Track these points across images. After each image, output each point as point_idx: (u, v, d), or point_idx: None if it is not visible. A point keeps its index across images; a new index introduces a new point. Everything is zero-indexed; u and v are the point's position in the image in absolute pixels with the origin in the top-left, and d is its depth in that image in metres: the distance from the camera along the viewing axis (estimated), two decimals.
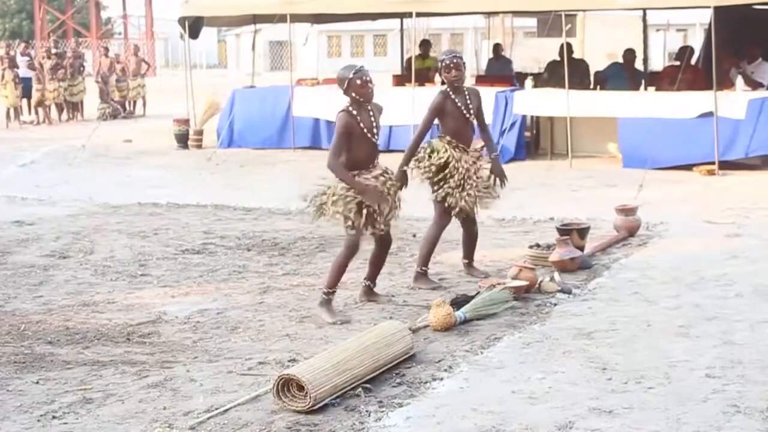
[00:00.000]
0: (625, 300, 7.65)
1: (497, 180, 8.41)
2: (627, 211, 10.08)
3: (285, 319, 7.36)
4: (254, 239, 10.27)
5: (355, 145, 7.40)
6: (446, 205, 8.27)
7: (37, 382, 6.08)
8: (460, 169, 8.19)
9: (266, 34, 27.88)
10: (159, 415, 5.48)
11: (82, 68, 26.88)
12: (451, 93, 8.32)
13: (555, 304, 7.58)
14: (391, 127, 17.01)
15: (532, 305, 7.55)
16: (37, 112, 25.12)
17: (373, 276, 7.87)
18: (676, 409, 5.36)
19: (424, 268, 8.31)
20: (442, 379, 5.96)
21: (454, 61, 8.29)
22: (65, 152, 18.14)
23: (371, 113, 7.48)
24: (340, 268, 7.46)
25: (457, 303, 7.26)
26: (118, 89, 27.01)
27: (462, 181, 8.19)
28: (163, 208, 12.22)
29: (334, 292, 7.48)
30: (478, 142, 16.09)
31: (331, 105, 17.38)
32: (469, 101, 8.36)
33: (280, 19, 18.33)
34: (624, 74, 17.26)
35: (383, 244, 7.74)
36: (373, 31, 59.14)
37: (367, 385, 5.78)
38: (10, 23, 64.21)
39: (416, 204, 11.93)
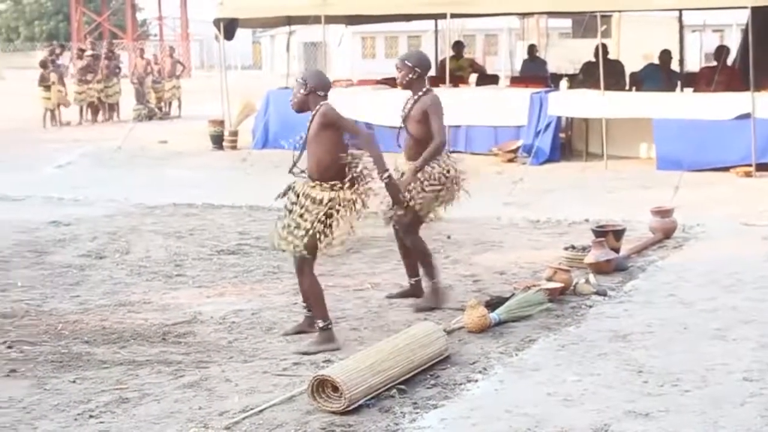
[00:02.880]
0: (661, 302, 7.61)
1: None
2: (663, 212, 10.02)
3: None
4: None
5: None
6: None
7: (74, 381, 6.13)
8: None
9: (300, 35, 27.95)
10: (194, 415, 5.51)
11: (117, 70, 27.04)
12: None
13: (590, 306, 7.54)
14: None
15: (567, 307, 7.52)
16: (60, 114, 25.31)
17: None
18: (713, 412, 5.33)
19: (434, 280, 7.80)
20: (476, 380, 5.95)
21: (396, 64, 8.03)
22: (101, 153, 18.27)
23: None
24: (319, 295, 6.84)
25: (492, 305, 7.24)
26: (155, 90, 27.17)
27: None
28: (198, 209, 12.27)
29: (330, 322, 6.82)
30: (511, 144, 16.05)
31: (366, 106, 17.49)
32: (408, 106, 8.07)
33: (315, 20, 18.35)
34: (660, 75, 17.15)
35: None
36: (408, 32, 59.04)
37: (402, 387, 5.78)
38: (47, 25, 64.75)
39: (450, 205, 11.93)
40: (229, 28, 18.64)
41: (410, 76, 7.87)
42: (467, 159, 15.94)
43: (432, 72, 20.87)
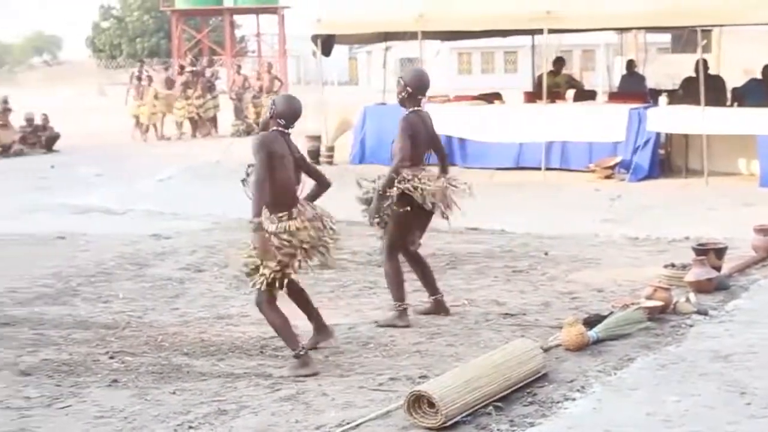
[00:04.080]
0: (764, 322, 7.43)
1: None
2: (766, 231, 9.80)
3: (415, 336, 7.37)
4: None
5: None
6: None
7: (174, 393, 6.22)
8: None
9: (397, 51, 28.03)
10: (291, 428, 5.54)
11: (213, 86, 27.44)
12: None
13: (691, 326, 7.40)
14: (522, 144, 16.94)
15: (666, 326, 7.39)
16: (146, 129, 25.76)
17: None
18: None
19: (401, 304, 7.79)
20: (574, 399, 5.88)
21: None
22: (201, 168, 18.54)
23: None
24: (282, 327, 6.73)
25: (590, 322, 7.15)
26: (254, 106, 27.51)
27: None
28: None
29: (303, 349, 6.69)
30: (608, 160, 15.87)
31: (463, 122, 17.47)
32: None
33: (411, 36, 18.41)
34: (762, 90, 16.80)
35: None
36: (504, 48, 58.96)
37: (498, 404, 5.74)
38: (148, 42, 66.04)
39: (546, 222, 11.87)
40: (326, 44, 18.79)
41: (402, 93, 7.88)
42: (564, 175, 15.92)
43: (529, 88, 20.88)
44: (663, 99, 17.47)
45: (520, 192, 14.91)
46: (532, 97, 18.73)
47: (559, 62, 20.23)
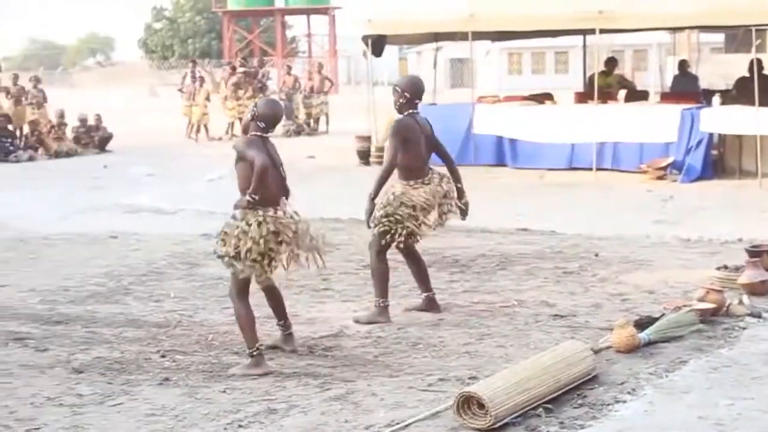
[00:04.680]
0: None
1: None
2: None
3: (465, 336, 7.35)
4: (434, 256, 10.28)
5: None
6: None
7: (224, 391, 6.25)
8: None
9: (447, 51, 28.02)
10: (341, 428, 5.55)
11: (265, 86, 27.59)
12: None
13: (744, 328, 7.32)
14: (573, 145, 16.86)
15: (719, 329, 7.31)
16: (197, 130, 25.93)
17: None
18: None
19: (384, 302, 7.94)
20: (625, 401, 5.83)
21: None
22: None
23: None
24: (247, 322, 6.78)
25: (641, 324, 7.09)
26: (305, 106, 27.64)
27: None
28: (344, 223, 12.40)
29: (259, 350, 6.74)
30: (660, 161, 15.74)
31: (513, 123, 17.42)
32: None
33: (462, 36, 18.39)
34: None
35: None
36: (555, 48, 58.70)
37: (548, 405, 5.71)
38: (200, 43, 66.53)
39: (597, 223, 11.80)
40: (377, 44, 18.80)
41: (401, 100, 7.97)
42: (615, 176, 15.82)
43: (580, 88, 20.75)
44: (716, 99, 17.29)
45: (571, 193, 14.83)
46: (584, 97, 18.62)
47: (611, 62, 20.10)
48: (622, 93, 18.44)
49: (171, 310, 8.34)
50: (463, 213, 8.17)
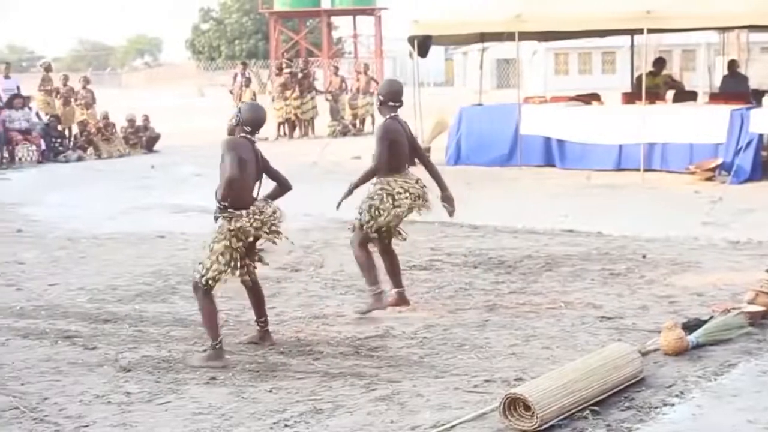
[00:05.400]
0: None
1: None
2: None
3: (511, 338, 7.33)
4: (481, 257, 10.28)
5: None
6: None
7: (270, 391, 6.28)
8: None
9: (493, 51, 27.93)
10: (386, 429, 5.56)
11: (311, 87, 27.67)
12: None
13: None
14: (620, 146, 16.76)
15: None
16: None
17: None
18: None
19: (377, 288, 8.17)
20: (673, 404, 5.79)
21: None
22: (297, 168, 18.65)
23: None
24: (210, 315, 7.02)
25: (689, 327, 7.03)
26: (351, 107, 27.68)
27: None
28: None
29: (220, 343, 6.96)
30: (709, 162, 15.57)
31: (561, 123, 17.34)
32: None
33: (508, 37, 18.33)
34: None
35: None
36: (602, 48, 58.32)
37: (595, 408, 5.68)
38: (246, 44, 66.84)
39: (644, 224, 11.71)
40: (423, 45, 18.80)
41: (378, 103, 8.38)
42: (663, 177, 15.69)
43: (627, 88, 20.61)
44: (766, 100, 17.11)
45: (618, 194, 14.74)
46: (631, 98, 18.51)
47: (660, 62, 19.95)
48: (671, 93, 18.31)
49: (218, 310, 8.37)
50: (449, 207, 8.51)
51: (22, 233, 12.60)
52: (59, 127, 22.92)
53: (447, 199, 8.48)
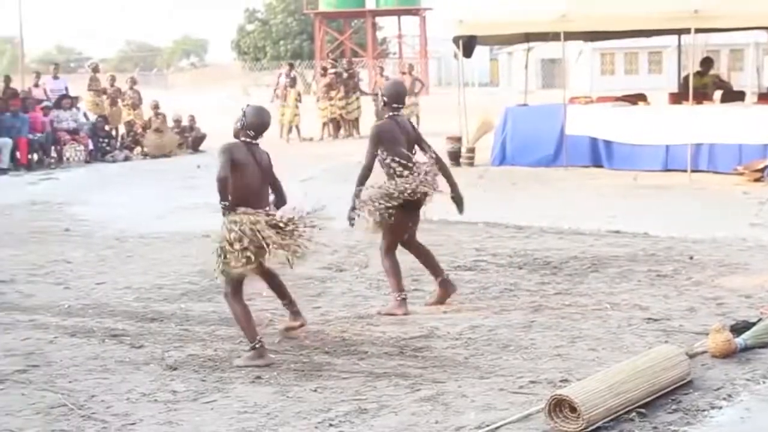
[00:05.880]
0: None
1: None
2: None
3: (556, 339, 7.29)
4: (526, 257, 10.24)
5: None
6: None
7: (315, 390, 6.29)
8: None
9: (538, 51, 27.87)
10: (431, 429, 5.55)
11: (357, 87, 27.70)
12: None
13: None
14: (667, 146, 16.63)
15: None
16: (289, 131, 26.08)
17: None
18: None
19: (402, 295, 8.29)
20: (720, 407, 5.74)
21: None
22: (342, 168, 18.68)
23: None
24: (243, 318, 7.12)
25: (737, 329, 6.96)
26: None
27: None
28: (435, 224, 12.32)
29: (260, 342, 7.02)
30: (757, 163, 15.44)
31: (607, 124, 17.23)
32: None
33: (554, 37, 18.25)
34: None
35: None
36: (648, 48, 57.89)
37: (642, 410, 5.64)
38: (291, 44, 67.07)
39: (691, 225, 11.61)
40: (468, 45, 18.76)
41: (381, 104, 8.66)
42: (710, 178, 15.55)
43: (674, 88, 20.45)
44: None
45: (665, 194, 14.62)
46: (678, 98, 18.36)
47: (707, 62, 19.76)
48: (718, 93, 18.14)
49: (262, 309, 8.40)
50: (459, 206, 8.67)
51: (69, 232, 12.73)
52: (106, 127, 23.12)
53: (456, 200, 8.65)
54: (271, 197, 7.39)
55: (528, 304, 8.37)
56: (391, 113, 8.45)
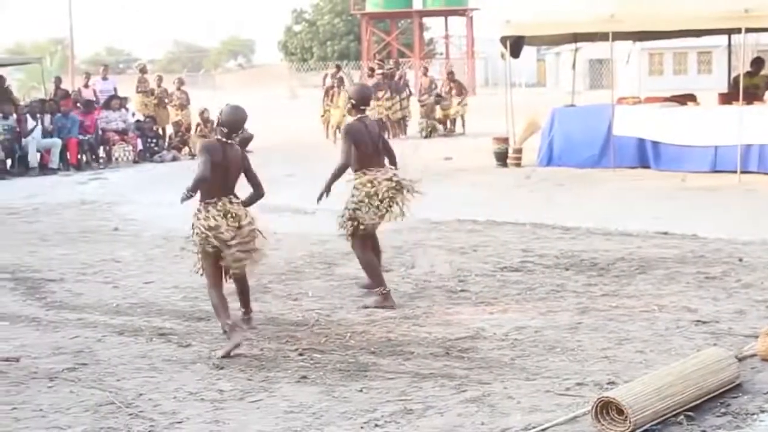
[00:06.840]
0: None
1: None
2: None
3: (603, 341, 7.25)
4: (573, 258, 10.18)
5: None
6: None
7: (361, 390, 6.30)
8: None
9: (586, 52, 27.72)
10: (477, 430, 5.54)
11: (405, 87, 27.71)
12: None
13: None
14: (716, 147, 16.47)
15: None
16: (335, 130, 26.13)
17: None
18: None
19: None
20: None
21: None
22: None
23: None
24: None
25: None
26: (442, 108, 27.66)
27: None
28: (481, 225, 12.35)
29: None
30: None
31: (655, 124, 17.09)
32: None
33: (602, 37, 18.14)
34: None
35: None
36: (697, 48, 57.43)
37: (690, 413, 5.59)
38: (338, 45, 67.26)
39: (741, 227, 11.49)
40: (515, 45, 18.70)
41: (349, 105, 8.92)
42: (760, 179, 15.38)
43: (724, 89, 20.26)
44: None
45: (714, 196, 14.49)
46: (728, 98, 18.16)
47: (758, 62, 19.51)
48: None
49: (309, 309, 8.44)
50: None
51: (118, 232, 12.85)
52: (154, 128, 23.29)
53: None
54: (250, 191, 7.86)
55: (575, 305, 8.33)
56: (359, 115, 8.78)
